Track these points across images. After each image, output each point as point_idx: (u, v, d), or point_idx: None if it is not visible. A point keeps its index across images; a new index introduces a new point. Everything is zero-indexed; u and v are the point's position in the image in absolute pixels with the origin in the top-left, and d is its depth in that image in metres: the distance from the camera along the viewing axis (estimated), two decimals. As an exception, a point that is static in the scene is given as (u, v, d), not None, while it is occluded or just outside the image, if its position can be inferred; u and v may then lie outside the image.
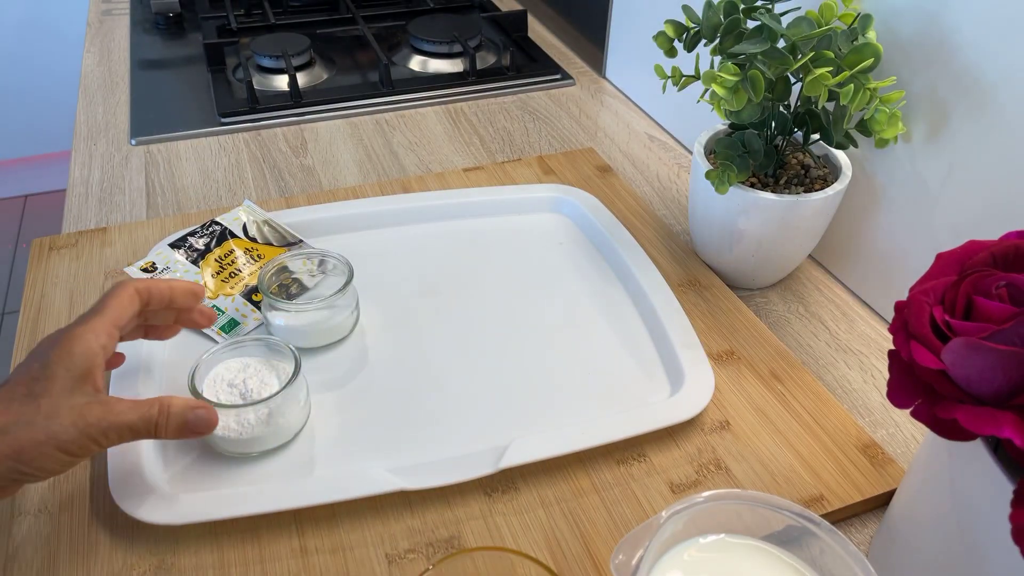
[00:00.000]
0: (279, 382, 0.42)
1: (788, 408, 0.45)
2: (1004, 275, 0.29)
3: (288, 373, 0.42)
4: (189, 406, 0.36)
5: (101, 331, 0.36)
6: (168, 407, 0.36)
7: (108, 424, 0.34)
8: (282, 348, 0.43)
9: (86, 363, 0.35)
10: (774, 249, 0.52)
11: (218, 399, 0.41)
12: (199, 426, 0.37)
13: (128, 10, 0.98)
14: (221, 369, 0.42)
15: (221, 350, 0.43)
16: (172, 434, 0.36)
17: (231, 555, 0.38)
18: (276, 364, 0.43)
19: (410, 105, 0.79)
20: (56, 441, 0.32)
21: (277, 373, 0.43)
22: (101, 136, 0.73)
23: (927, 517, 0.33)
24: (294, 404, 0.42)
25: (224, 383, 0.42)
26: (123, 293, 0.38)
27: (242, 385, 0.41)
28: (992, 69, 0.42)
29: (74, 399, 0.34)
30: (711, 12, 0.47)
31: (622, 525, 0.39)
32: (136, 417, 0.35)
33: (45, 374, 0.34)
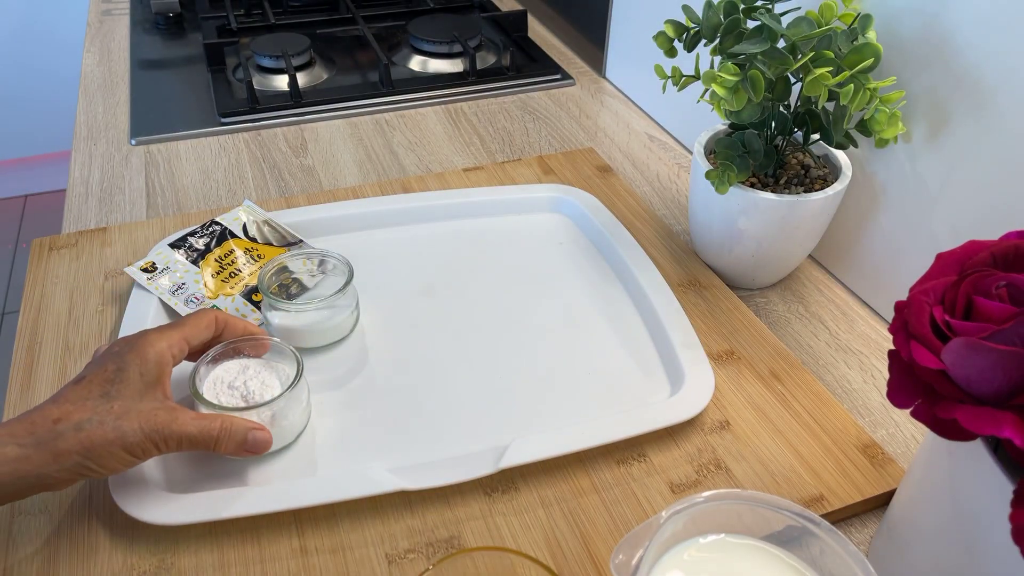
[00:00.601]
0: (280, 383, 0.42)
1: (788, 408, 0.45)
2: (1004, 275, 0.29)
3: (288, 375, 0.42)
4: (248, 427, 0.38)
5: (175, 343, 0.39)
6: (230, 426, 0.38)
7: (171, 432, 0.36)
8: (283, 349, 0.43)
9: (158, 370, 0.37)
10: (774, 249, 0.52)
11: (219, 401, 0.40)
12: (256, 447, 0.39)
13: (128, 10, 0.98)
14: (220, 371, 0.42)
15: (221, 352, 0.43)
16: (228, 451, 0.38)
17: (231, 555, 0.38)
18: (276, 365, 0.43)
19: (410, 105, 0.79)
20: (123, 442, 0.35)
21: (277, 374, 0.42)
22: (101, 136, 0.73)
23: (927, 517, 0.33)
24: (296, 406, 0.42)
25: (224, 385, 0.41)
26: (204, 317, 0.41)
27: (243, 387, 0.41)
28: (992, 69, 0.42)
29: (144, 403, 0.36)
30: (711, 12, 0.47)
31: (622, 525, 0.39)
32: (197, 430, 0.37)
33: (120, 376, 0.36)
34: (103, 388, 0.36)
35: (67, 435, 0.33)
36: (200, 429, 0.37)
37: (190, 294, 0.50)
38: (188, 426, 0.36)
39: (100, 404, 0.35)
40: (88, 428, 0.34)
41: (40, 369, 0.47)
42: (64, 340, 0.49)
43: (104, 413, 0.35)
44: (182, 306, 0.50)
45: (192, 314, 0.42)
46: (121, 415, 0.35)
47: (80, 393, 0.35)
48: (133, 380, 0.36)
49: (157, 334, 0.39)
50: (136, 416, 0.35)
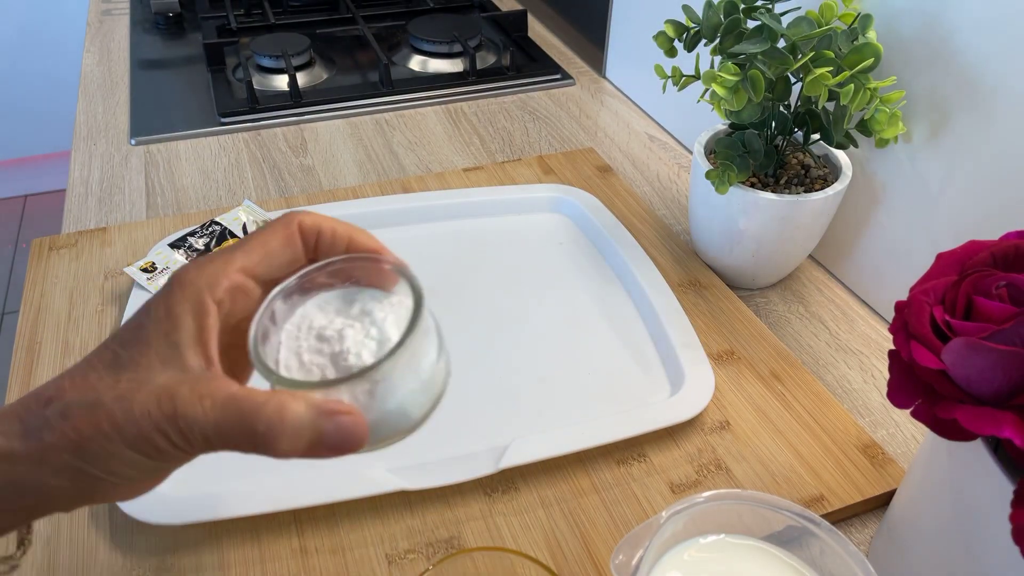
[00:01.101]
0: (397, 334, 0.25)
1: (788, 408, 0.45)
2: (1004, 275, 0.29)
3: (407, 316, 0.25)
4: (321, 412, 0.23)
5: (225, 278, 0.24)
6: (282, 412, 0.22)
7: (189, 420, 0.22)
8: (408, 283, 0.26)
9: (195, 323, 0.24)
10: (774, 249, 0.52)
11: (301, 363, 0.25)
12: (340, 444, 0.23)
13: (128, 10, 0.98)
14: (313, 309, 0.26)
15: (311, 279, 0.26)
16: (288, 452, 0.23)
17: (231, 555, 0.38)
18: (394, 302, 0.27)
19: (410, 105, 0.79)
20: (123, 434, 0.22)
21: (398, 319, 0.26)
22: (101, 136, 0.73)
23: (927, 517, 0.33)
24: (413, 374, 0.25)
25: (313, 335, 0.25)
26: (278, 229, 0.26)
27: (337, 341, 0.25)
28: (993, 69, 0.42)
29: (164, 375, 0.23)
30: (711, 12, 0.47)
31: (622, 525, 0.39)
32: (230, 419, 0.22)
33: (138, 336, 0.24)
34: (114, 353, 0.24)
35: (53, 423, 0.22)
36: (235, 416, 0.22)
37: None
38: (218, 411, 0.22)
39: (104, 377, 0.23)
40: (76, 413, 0.22)
41: (40, 369, 0.47)
42: (64, 340, 0.49)
43: (104, 391, 0.23)
44: (182, 306, 0.50)
45: (263, 227, 0.26)
46: (125, 393, 0.23)
47: (90, 361, 0.24)
48: (153, 340, 0.23)
49: (197, 268, 0.24)
50: (147, 395, 0.22)
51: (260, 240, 0.26)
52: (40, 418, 0.23)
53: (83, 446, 0.22)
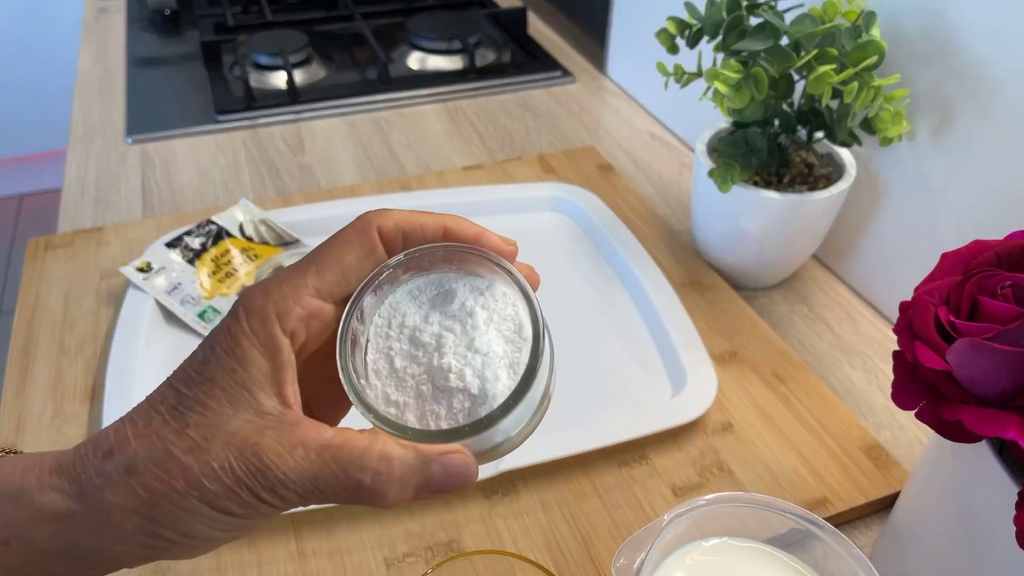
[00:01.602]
0: (507, 360, 0.22)
1: (791, 410, 0.45)
2: (1009, 275, 0.29)
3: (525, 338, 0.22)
4: (432, 452, 0.21)
5: (294, 304, 0.21)
6: (390, 463, 0.20)
7: (277, 475, 0.20)
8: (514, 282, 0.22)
9: (262, 359, 0.21)
10: (777, 248, 0.52)
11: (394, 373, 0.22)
12: (448, 485, 0.21)
13: (124, 8, 0.97)
14: (406, 301, 0.22)
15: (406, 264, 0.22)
16: (402, 500, 0.21)
17: (228, 559, 0.37)
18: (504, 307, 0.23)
19: (409, 103, 0.78)
20: (201, 492, 0.19)
21: (503, 330, 0.22)
22: (97, 135, 0.72)
23: (931, 519, 0.33)
24: (525, 411, 0.22)
25: (407, 338, 0.22)
26: (351, 240, 0.22)
27: (434, 348, 0.22)
28: (998, 66, 0.42)
29: (236, 419, 0.20)
30: (714, 9, 0.46)
31: (623, 528, 0.39)
32: (324, 474, 0.20)
33: (203, 372, 0.21)
34: (176, 394, 0.21)
35: (116, 482, 0.20)
36: (326, 467, 0.20)
37: (186, 294, 0.50)
38: (305, 465, 0.20)
39: (169, 422, 0.20)
40: (144, 470, 0.20)
41: (35, 370, 0.47)
42: (59, 341, 0.49)
43: (173, 441, 0.20)
44: (178, 306, 0.49)
45: (336, 236, 0.22)
46: (197, 446, 0.20)
47: (152, 402, 0.21)
48: (219, 377, 0.20)
49: (264, 294, 0.21)
50: (222, 446, 0.20)
51: (334, 255, 0.22)
52: (100, 474, 0.20)
53: (154, 507, 0.20)
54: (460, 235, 0.23)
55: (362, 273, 0.22)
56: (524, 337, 0.22)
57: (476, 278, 0.23)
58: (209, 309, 0.49)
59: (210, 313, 0.49)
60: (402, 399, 0.22)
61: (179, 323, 0.49)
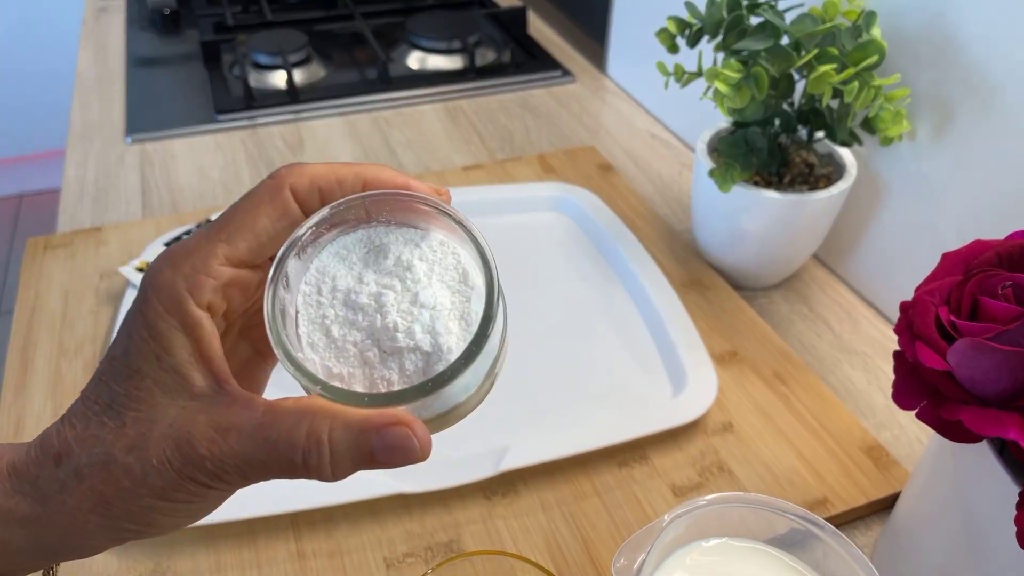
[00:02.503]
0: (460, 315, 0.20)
1: (792, 410, 0.45)
2: (1010, 275, 0.29)
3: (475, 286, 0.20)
4: (368, 425, 0.20)
5: (205, 277, 0.20)
6: (324, 432, 0.19)
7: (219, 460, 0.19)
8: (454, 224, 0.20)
9: (183, 338, 0.20)
10: (777, 248, 0.52)
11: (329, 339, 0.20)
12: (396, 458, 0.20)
13: (124, 7, 0.97)
14: (332, 261, 0.21)
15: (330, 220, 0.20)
16: (340, 474, 0.20)
17: (227, 559, 0.37)
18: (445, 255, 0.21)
19: (408, 103, 0.78)
20: (150, 488, 0.20)
21: (447, 280, 0.21)
22: (96, 134, 0.72)
23: (932, 520, 0.33)
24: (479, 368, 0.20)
25: (340, 300, 0.20)
26: (262, 201, 0.21)
27: (374, 308, 0.20)
28: (998, 66, 0.42)
29: (172, 407, 0.20)
30: (714, 8, 0.46)
31: (624, 528, 0.39)
32: (261, 450, 0.19)
33: (128, 366, 0.20)
34: (109, 391, 0.20)
35: (70, 487, 0.20)
36: (259, 449, 0.19)
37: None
38: (244, 443, 0.19)
39: (106, 422, 0.20)
40: (89, 474, 0.20)
41: (34, 371, 0.47)
42: (58, 341, 0.48)
43: (111, 442, 0.20)
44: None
45: (246, 198, 0.21)
46: (136, 441, 0.19)
47: (86, 401, 0.20)
48: (145, 366, 0.20)
49: (172, 268, 0.20)
50: (161, 438, 0.19)
51: (245, 219, 0.20)
52: (54, 479, 0.20)
53: (109, 507, 0.20)
54: (384, 184, 0.21)
55: (277, 236, 0.21)
56: (471, 285, 0.20)
57: (408, 229, 0.21)
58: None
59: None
60: (346, 370, 0.20)
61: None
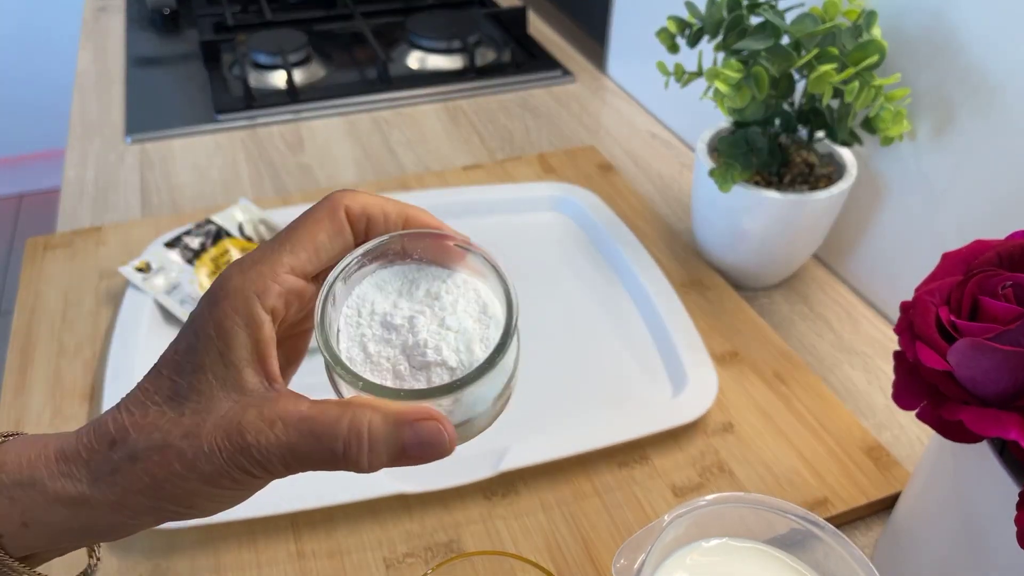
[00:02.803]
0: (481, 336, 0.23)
1: (792, 410, 0.45)
2: (1010, 275, 0.29)
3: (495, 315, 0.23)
4: (405, 420, 0.22)
5: (273, 282, 0.22)
6: (364, 425, 0.21)
7: (261, 447, 0.21)
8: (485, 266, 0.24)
9: (251, 340, 0.22)
10: (778, 248, 0.52)
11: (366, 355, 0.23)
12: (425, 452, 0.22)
13: (123, 7, 0.97)
14: (372, 290, 0.24)
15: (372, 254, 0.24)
16: (375, 465, 0.22)
17: (227, 559, 0.37)
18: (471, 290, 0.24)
19: (408, 102, 0.78)
20: (199, 472, 0.21)
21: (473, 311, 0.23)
22: (96, 134, 0.72)
23: (932, 520, 0.33)
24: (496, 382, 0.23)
25: (376, 321, 0.23)
26: (321, 219, 0.23)
27: (407, 329, 0.23)
28: (999, 66, 0.42)
29: (226, 400, 0.22)
30: (714, 8, 0.46)
31: (624, 529, 0.39)
32: (304, 440, 0.21)
33: (191, 361, 0.22)
34: (172, 384, 0.22)
35: (123, 469, 0.22)
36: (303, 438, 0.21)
37: (185, 294, 0.50)
38: (290, 434, 0.21)
39: (166, 412, 0.22)
40: (145, 458, 0.21)
41: (34, 371, 0.46)
42: (58, 341, 0.48)
43: (169, 429, 0.22)
44: (177, 306, 0.49)
45: (305, 214, 0.24)
46: (191, 431, 0.21)
47: (146, 391, 0.22)
48: (209, 365, 0.22)
49: (242, 275, 0.22)
50: (213, 428, 0.21)
51: (307, 234, 0.23)
52: (108, 462, 0.22)
53: (159, 488, 0.22)
54: (422, 225, 0.25)
55: (332, 251, 0.23)
56: (490, 316, 0.23)
57: (437, 268, 0.24)
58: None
59: (209, 313, 0.49)
60: (380, 380, 0.22)
61: (178, 323, 0.49)
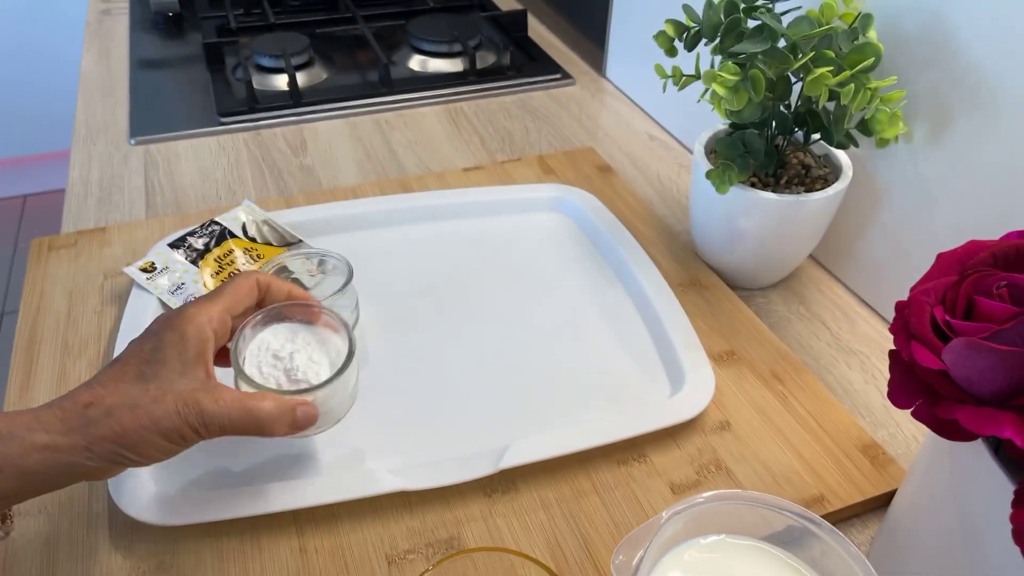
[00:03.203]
0: (329, 362, 0.38)
1: (789, 409, 0.45)
2: (1005, 275, 0.29)
3: (339, 351, 0.38)
4: (295, 404, 0.35)
5: (215, 315, 0.35)
6: (278, 407, 0.34)
7: (211, 415, 0.32)
8: (334, 320, 0.39)
9: (198, 347, 0.34)
10: (775, 249, 0.52)
11: (261, 371, 0.37)
12: (305, 423, 0.35)
13: (127, 9, 0.98)
14: (268, 335, 0.38)
15: (270, 314, 0.38)
16: (279, 433, 0.34)
17: (231, 555, 0.37)
18: (327, 338, 0.39)
19: (410, 105, 0.78)
20: (159, 427, 0.31)
21: (327, 349, 0.38)
22: (100, 136, 0.72)
23: (928, 517, 0.33)
24: (343, 388, 0.37)
25: (269, 353, 0.37)
26: (245, 282, 0.37)
27: (288, 360, 0.37)
28: (994, 68, 0.42)
29: (182, 384, 0.32)
30: (711, 11, 0.47)
31: (622, 526, 0.39)
32: (240, 413, 0.33)
33: (157, 356, 0.33)
34: (138, 369, 0.32)
35: (98, 421, 0.31)
36: (244, 411, 0.33)
37: (189, 294, 0.50)
38: (230, 408, 0.32)
39: (134, 387, 0.32)
40: (119, 413, 0.31)
41: (39, 370, 0.47)
42: (63, 340, 0.49)
43: (138, 396, 0.31)
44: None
45: (232, 281, 0.37)
46: (156, 398, 0.31)
47: (114, 375, 0.32)
48: (170, 359, 0.33)
49: (196, 308, 0.35)
50: (173, 399, 0.32)
51: (234, 289, 0.37)
52: (83, 418, 0.31)
53: (125, 437, 0.31)
54: (298, 295, 0.39)
55: (247, 303, 0.37)
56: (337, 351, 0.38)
57: (307, 324, 0.39)
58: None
59: (213, 313, 0.50)
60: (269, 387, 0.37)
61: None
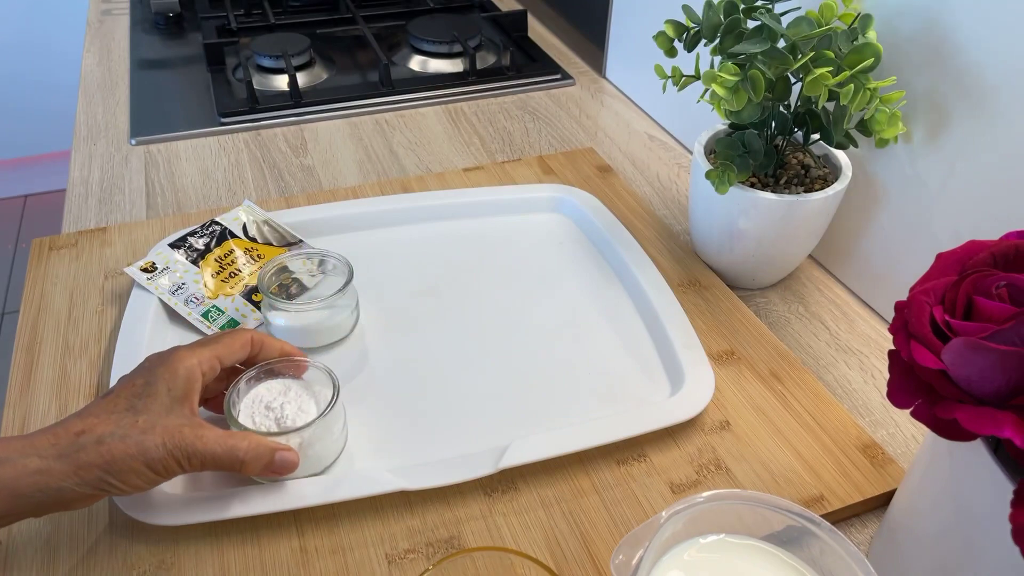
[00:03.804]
0: (317, 410, 0.40)
1: (788, 408, 0.45)
2: (1004, 275, 0.29)
3: (327, 400, 0.41)
4: (275, 448, 0.37)
5: (206, 360, 0.38)
6: (256, 447, 0.36)
7: (195, 450, 0.35)
8: (321, 372, 0.42)
9: (187, 386, 0.36)
10: (774, 249, 0.52)
11: (253, 423, 0.39)
12: (282, 468, 0.37)
13: (128, 10, 0.98)
14: (262, 390, 0.41)
15: (263, 370, 0.41)
16: (254, 472, 0.37)
17: (231, 555, 0.38)
18: (316, 389, 0.42)
19: (410, 105, 0.79)
20: (145, 457, 0.33)
21: (316, 399, 0.41)
22: (101, 136, 0.73)
23: (927, 517, 0.33)
24: (327, 435, 0.40)
25: (262, 405, 0.40)
26: (240, 336, 0.40)
27: (279, 410, 0.40)
28: (993, 69, 0.42)
29: (169, 419, 0.35)
30: (711, 12, 0.47)
31: (622, 525, 0.39)
32: (222, 449, 0.35)
33: (148, 391, 0.36)
34: (129, 402, 0.35)
35: (88, 448, 0.33)
36: (226, 449, 0.35)
37: (190, 294, 0.50)
38: (213, 445, 0.35)
39: (125, 418, 0.34)
40: (110, 442, 0.33)
41: (39, 370, 0.47)
42: (64, 340, 0.49)
43: (128, 427, 0.34)
44: (182, 306, 0.50)
45: (227, 332, 0.40)
46: (145, 430, 0.34)
47: (106, 406, 0.35)
48: (160, 395, 0.35)
49: (188, 350, 0.38)
50: (161, 432, 0.34)
51: (229, 341, 0.40)
52: (74, 444, 0.33)
53: (113, 464, 0.33)
54: (289, 352, 0.42)
55: (240, 355, 0.40)
56: (323, 401, 0.41)
57: (297, 380, 0.42)
58: (213, 309, 0.50)
59: (214, 313, 0.50)
60: None
61: (183, 323, 0.49)
